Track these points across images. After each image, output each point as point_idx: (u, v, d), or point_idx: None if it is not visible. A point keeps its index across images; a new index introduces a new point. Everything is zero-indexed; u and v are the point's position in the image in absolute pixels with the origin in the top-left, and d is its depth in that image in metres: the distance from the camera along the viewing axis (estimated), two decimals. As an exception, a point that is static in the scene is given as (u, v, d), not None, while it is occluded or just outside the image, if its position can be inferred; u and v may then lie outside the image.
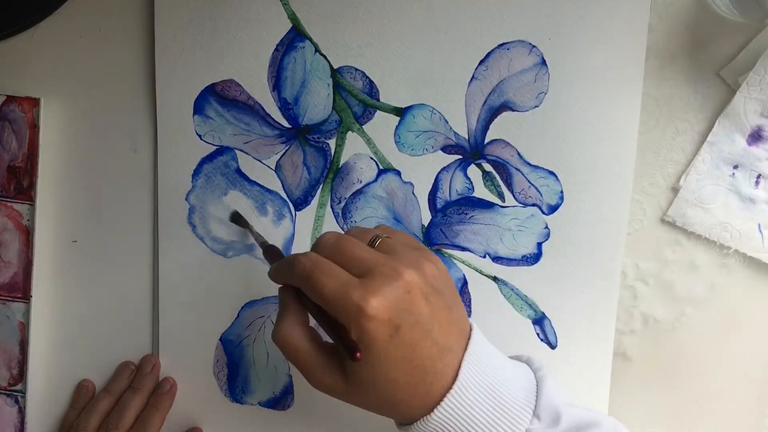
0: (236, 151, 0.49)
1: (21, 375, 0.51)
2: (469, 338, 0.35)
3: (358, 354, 0.32)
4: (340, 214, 0.49)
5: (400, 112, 0.48)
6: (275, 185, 0.49)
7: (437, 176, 0.48)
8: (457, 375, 0.34)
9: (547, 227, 0.47)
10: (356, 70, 0.48)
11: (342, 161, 0.48)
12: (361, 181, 0.48)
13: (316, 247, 0.36)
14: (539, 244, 0.47)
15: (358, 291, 0.32)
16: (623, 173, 0.46)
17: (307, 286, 0.34)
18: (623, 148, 0.46)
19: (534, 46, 0.46)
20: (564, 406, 0.36)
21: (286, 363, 0.50)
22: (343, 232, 0.37)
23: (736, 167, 0.46)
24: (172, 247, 0.50)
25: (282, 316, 0.36)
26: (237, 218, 0.48)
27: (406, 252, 0.35)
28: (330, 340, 0.35)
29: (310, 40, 0.48)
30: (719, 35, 0.45)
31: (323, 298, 0.33)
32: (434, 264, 0.35)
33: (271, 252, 0.44)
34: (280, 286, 0.38)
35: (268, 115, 0.48)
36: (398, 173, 0.48)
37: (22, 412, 0.51)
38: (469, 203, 0.48)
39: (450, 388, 0.34)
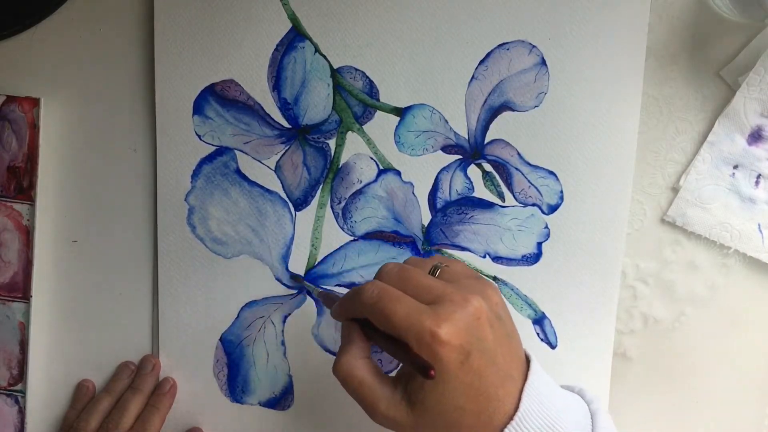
0: (236, 151, 0.49)
1: (21, 375, 0.51)
2: (528, 367, 0.36)
3: (432, 372, 0.32)
4: (340, 214, 0.49)
5: (400, 112, 0.48)
6: (275, 185, 0.49)
7: (437, 176, 0.48)
8: (518, 404, 0.34)
9: (547, 227, 0.47)
10: (356, 70, 0.48)
11: (342, 161, 0.48)
12: (361, 181, 0.48)
13: (379, 276, 0.36)
14: (539, 244, 0.47)
15: (430, 317, 0.33)
16: (623, 173, 0.46)
17: (376, 312, 0.34)
18: (623, 148, 0.46)
19: (534, 46, 0.46)
20: None
21: (286, 363, 0.50)
22: (403, 263, 0.37)
23: (736, 167, 0.46)
24: (172, 247, 0.50)
25: (345, 348, 0.36)
26: (295, 278, 0.49)
27: (468, 280, 0.36)
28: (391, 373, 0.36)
29: (310, 40, 0.48)
30: (719, 35, 0.45)
31: (394, 324, 0.33)
32: (496, 292, 0.36)
33: (327, 296, 0.43)
34: (343, 321, 0.38)
35: (268, 115, 0.48)
36: (398, 173, 0.48)
37: (22, 412, 0.51)
38: (469, 203, 0.48)
39: (512, 417, 0.34)
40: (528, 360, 0.36)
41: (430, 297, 0.34)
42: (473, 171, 0.48)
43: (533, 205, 0.47)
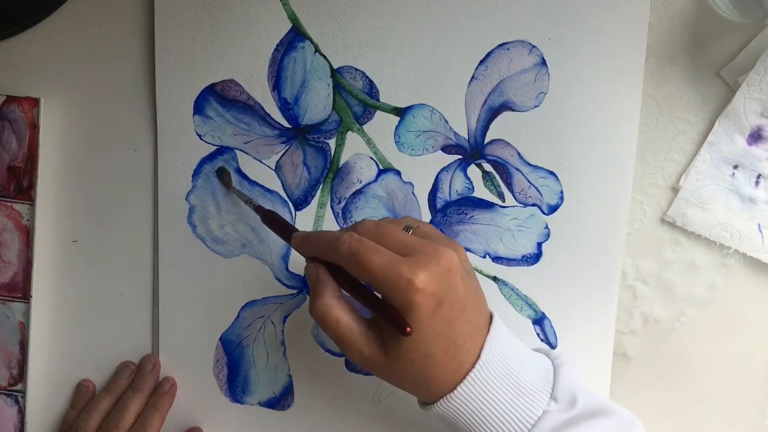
0: (236, 151, 0.49)
1: (21, 375, 0.51)
2: (490, 322, 0.37)
3: (408, 329, 0.34)
4: (340, 214, 0.49)
5: (400, 112, 0.48)
6: (275, 185, 0.49)
7: (437, 176, 0.48)
8: (480, 354, 0.36)
9: (547, 227, 0.47)
10: (356, 70, 0.48)
11: (342, 161, 0.48)
12: (361, 181, 0.48)
13: (355, 229, 0.37)
14: (539, 244, 0.47)
15: (406, 265, 0.34)
16: (623, 173, 0.46)
17: (353, 262, 0.35)
18: (623, 148, 0.46)
19: (534, 46, 0.46)
20: (581, 390, 0.37)
21: (286, 363, 0.50)
22: (376, 220, 0.39)
23: (736, 167, 0.46)
24: (172, 247, 0.50)
25: (318, 290, 0.37)
26: (221, 174, 0.49)
27: (439, 237, 0.38)
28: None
29: (310, 40, 0.48)
30: (719, 35, 0.45)
31: (372, 273, 0.34)
32: (462, 250, 0.38)
33: (271, 217, 0.44)
34: (309, 262, 0.39)
35: (268, 115, 0.48)
36: (398, 173, 0.48)
37: (22, 412, 0.51)
38: (469, 203, 0.48)
39: (474, 365, 0.35)
40: (491, 317, 0.38)
41: (405, 250, 0.35)
42: (473, 171, 0.48)
43: (533, 205, 0.47)
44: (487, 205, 0.48)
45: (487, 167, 0.47)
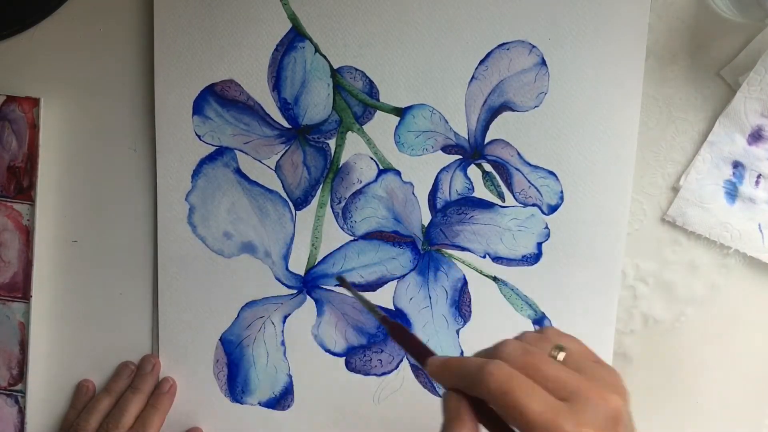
0: (236, 151, 0.49)
1: (21, 375, 0.51)
2: None
3: None
4: (340, 214, 0.49)
5: (400, 112, 0.48)
6: (275, 185, 0.49)
7: (437, 176, 0.48)
8: None
9: (547, 227, 0.47)
10: (356, 70, 0.48)
11: (342, 161, 0.48)
12: (361, 181, 0.48)
13: (501, 356, 0.32)
14: (539, 244, 0.47)
15: (569, 419, 0.30)
16: (623, 173, 0.46)
17: (504, 402, 0.30)
18: (623, 148, 0.46)
19: (534, 46, 0.46)
20: None
21: (286, 363, 0.50)
22: (522, 342, 0.34)
23: (736, 167, 0.46)
24: (172, 247, 0.50)
25: (453, 426, 0.33)
26: (343, 282, 0.45)
27: (596, 370, 0.33)
28: None
29: (310, 40, 0.48)
30: (719, 35, 0.45)
31: (528, 422, 0.30)
32: (623, 383, 0.34)
33: (398, 331, 0.39)
34: (449, 392, 0.34)
35: (268, 115, 0.48)
36: (398, 173, 0.48)
37: (22, 412, 0.51)
38: (469, 203, 0.48)
39: None
40: None
41: (564, 392, 0.31)
42: (473, 171, 0.48)
43: (533, 205, 0.47)
44: (487, 205, 0.48)
45: (487, 167, 0.47)
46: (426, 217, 0.48)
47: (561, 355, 0.33)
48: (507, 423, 0.32)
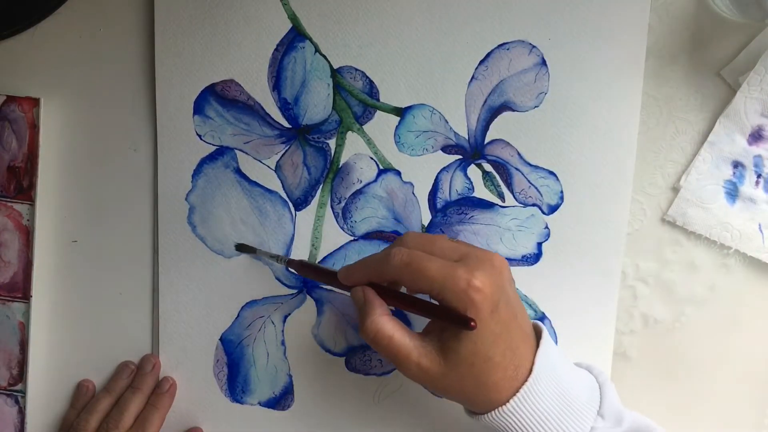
0: (236, 151, 0.49)
1: (21, 375, 0.51)
2: (540, 334, 0.38)
3: (473, 323, 0.34)
4: (340, 214, 0.49)
5: (400, 112, 0.48)
6: (275, 185, 0.49)
7: (437, 176, 0.48)
8: (532, 367, 0.36)
9: (547, 227, 0.47)
10: (356, 70, 0.48)
11: (342, 161, 0.48)
12: (361, 181, 0.48)
13: (402, 243, 0.38)
14: (539, 244, 0.47)
15: (462, 268, 0.35)
16: (623, 173, 0.46)
17: (409, 272, 0.36)
18: (623, 148, 0.46)
19: (534, 46, 0.46)
20: (625, 410, 0.38)
21: (286, 363, 0.50)
22: (417, 233, 0.40)
23: (736, 167, 0.46)
24: (172, 247, 0.50)
25: (367, 310, 0.38)
26: (242, 248, 0.49)
27: (482, 249, 0.38)
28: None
29: (310, 40, 0.48)
30: (719, 35, 0.45)
31: (430, 278, 0.35)
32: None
33: (303, 265, 0.45)
34: (353, 288, 0.40)
35: (268, 115, 0.48)
36: (398, 173, 0.48)
37: (22, 412, 0.51)
38: (469, 203, 0.48)
39: (526, 378, 0.36)
40: (536, 329, 0.39)
41: (456, 255, 0.36)
42: (473, 171, 0.48)
43: (533, 205, 0.47)
44: (487, 205, 0.48)
45: (487, 167, 0.47)
46: (426, 217, 0.48)
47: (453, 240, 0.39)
48: (412, 295, 0.38)
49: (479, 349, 0.35)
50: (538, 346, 0.37)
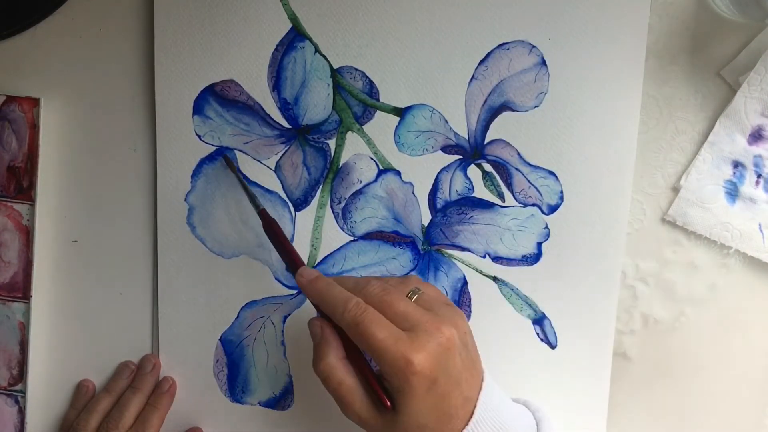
0: (236, 151, 0.49)
1: (21, 375, 0.51)
2: (482, 382, 0.39)
3: (388, 404, 0.37)
4: (340, 215, 0.49)
5: (400, 112, 0.48)
6: (275, 185, 0.49)
7: (437, 176, 0.48)
8: (473, 413, 0.37)
9: (547, 227, 0.47)
10: (356, 70, 0.48)
11: (342, 161, 0.48)
12: (361, 181, 0.48)
13: (362, 294, 0.38)
14: (539, 244, 0.47)
15: (406, 345, 0.35)
16: (623, 173, 0.46)
17: (357, 332, 0.37)
18: (623, 148, 0.46)
19: (534, 46, 0.46)
20: None
21: (286, 363, 0.50)
22: (385, 284, 0.39)
23: (736, 167, 0.46)
24: (172, 247, 0.50)
25: (323, 348, 0.39)
26: (228, 163, 0.48)
27: (442, 308, 0.39)
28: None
29: (310, 40, 0.48)
30: (719, 35, 0.45)
31: (373, 347, 0.36)
32: (464, 320, 0.39)
33: (272, 229, 0.45)
34: (315, 317, 0.41)
35: (268, 115, 0.48)
36: (398, 173, 0.48)
37: (22, 412, 0.51)
38: (469, 203, 0.48)
39: (467, 423, 0.37)
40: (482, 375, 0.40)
41: (407, 324, 0.37)
42: (473, 171, 0.48)
43: (533, 205, 0.47)
44: (487, 205, 0.48)
45: (487, 167, 0.47)
46: (426, 217, 0.48)
47: (414, 297, 0.39)
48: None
49: (413, 419, 0.36)
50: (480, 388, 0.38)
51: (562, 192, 0.47)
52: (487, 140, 0.47)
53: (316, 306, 0.41)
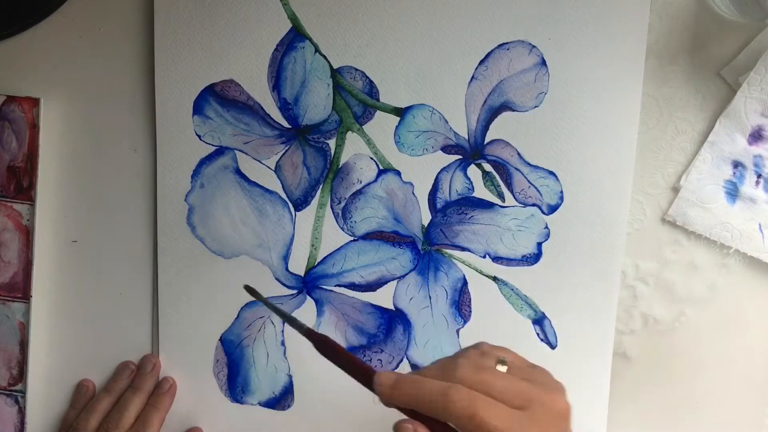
0: (236, 151, 0.49)
1: (21, 375, 0.51)
2: None
3: None
4: (340, 215, 0.49)
5: (400, 112, 0.48)
6: (275, 186, 0.49)
7: (437, 176, 0.48)
8: None
9: (547, 227, 0.47)
10: (356, 70, 0.48)
11: (342, 161, 0.48)
12: (361, 182, 0.48)
13: (455, 380, 0.34)
14: (539, 244, 0.47)
15: (528, 426, 0.33)
16: (623, 173, 0.46)
17: (472, 424, 0.32)
18: (623, 148, 0.46)
19: (534, 46, 0.46)
20: None
21: (286, 363, 0.50)
22: (470, 360, 0.36)
23: (736, 167, 0.46)
24: (172, 247, 0.50)
25: None
26: (252, 291, 0.43)
27: (536, 374, 0.36)
28: None
29: (310, 40, 0.48)
30: (719, 35, 0.45)
31: None
32: (552, 377, 0.37)
33: (329, 347, 0.39)
34: (404, 419, 0.36)
35: (268, 115, 0.48)
36: (398, 173, 0.48)
37: (22, 412, 0.51)
38: (469, 203, 0.48)
39: None
40: None
41: (519, 401, 0.34)
42: (473, 171, 0.48)
43: (533, 205, 0.47)
44: (487, 205, 0.48)
45: (487, 167, 0.47)
46: (426, 217, 0.48)
47: (504, 368, 0.36)
48: None
49: None
50: None
51: (562, 192, 0.47)
52: (487, 140, 0.47)
53: (401, 409, 0.36)
